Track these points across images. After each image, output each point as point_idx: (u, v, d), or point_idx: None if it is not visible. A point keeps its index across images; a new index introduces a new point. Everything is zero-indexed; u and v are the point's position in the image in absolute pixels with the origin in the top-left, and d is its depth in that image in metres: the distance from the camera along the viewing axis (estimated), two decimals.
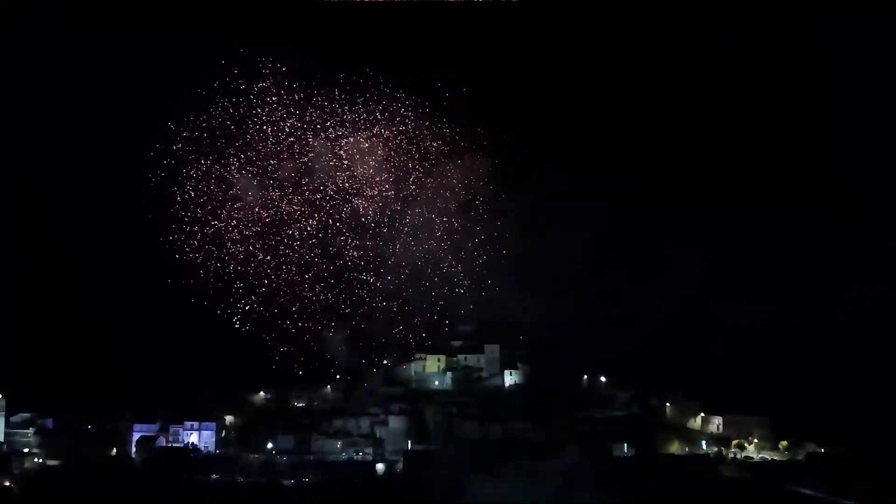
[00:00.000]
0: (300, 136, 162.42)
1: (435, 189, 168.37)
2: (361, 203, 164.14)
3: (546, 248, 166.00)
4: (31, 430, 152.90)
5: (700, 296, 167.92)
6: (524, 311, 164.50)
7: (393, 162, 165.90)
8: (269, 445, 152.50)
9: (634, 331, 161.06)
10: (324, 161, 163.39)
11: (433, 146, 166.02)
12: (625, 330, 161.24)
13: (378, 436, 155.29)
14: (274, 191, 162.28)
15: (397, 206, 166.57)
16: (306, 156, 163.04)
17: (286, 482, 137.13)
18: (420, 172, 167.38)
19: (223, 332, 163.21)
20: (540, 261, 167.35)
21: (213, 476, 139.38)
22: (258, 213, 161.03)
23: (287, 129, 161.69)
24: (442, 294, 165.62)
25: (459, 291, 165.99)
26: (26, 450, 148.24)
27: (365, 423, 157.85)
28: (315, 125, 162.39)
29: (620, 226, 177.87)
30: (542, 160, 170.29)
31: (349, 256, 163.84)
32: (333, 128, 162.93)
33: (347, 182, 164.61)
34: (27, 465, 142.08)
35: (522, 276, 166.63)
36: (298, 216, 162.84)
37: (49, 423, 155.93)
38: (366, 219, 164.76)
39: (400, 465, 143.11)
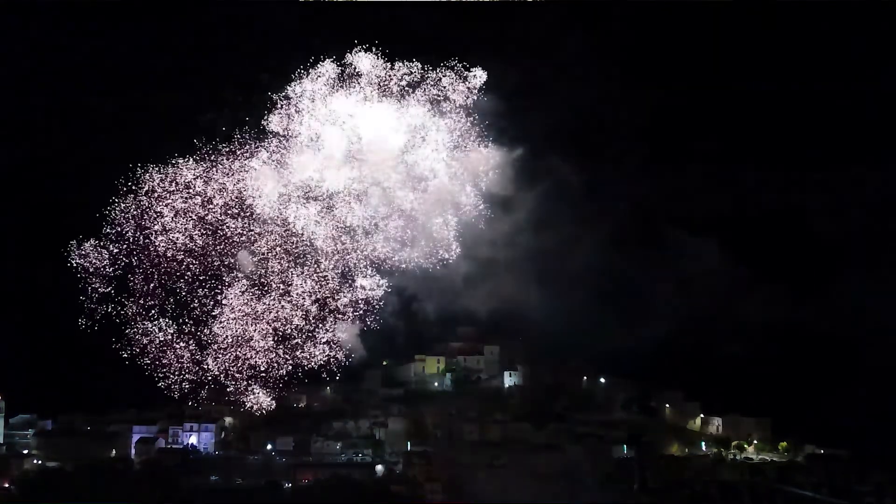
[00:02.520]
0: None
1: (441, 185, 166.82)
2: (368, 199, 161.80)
3: (546, 249, 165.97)
4: (30, 432, 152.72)
5: (700, 297, 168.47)
6: (523, 311, 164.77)
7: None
8: (269, 447, 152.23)
9: (635, 332, 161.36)
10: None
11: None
12: (625, 331, 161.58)
13: (378, 437, 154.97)
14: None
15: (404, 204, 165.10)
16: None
17: (285, 484, 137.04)
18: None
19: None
20: (540, 262, 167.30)
21: (213, 478, 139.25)
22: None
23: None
24: (442, 294, 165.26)
25: (458, 291, 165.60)
26: (26, 451, 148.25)
27: (364, 425, 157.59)
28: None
29: (622, 226, 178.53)
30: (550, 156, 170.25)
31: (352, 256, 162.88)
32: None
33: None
34: (27, 466, 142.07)
35: (522, 277, 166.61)
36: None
37: (48, 424, 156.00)
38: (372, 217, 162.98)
39: (399, 467, 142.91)
